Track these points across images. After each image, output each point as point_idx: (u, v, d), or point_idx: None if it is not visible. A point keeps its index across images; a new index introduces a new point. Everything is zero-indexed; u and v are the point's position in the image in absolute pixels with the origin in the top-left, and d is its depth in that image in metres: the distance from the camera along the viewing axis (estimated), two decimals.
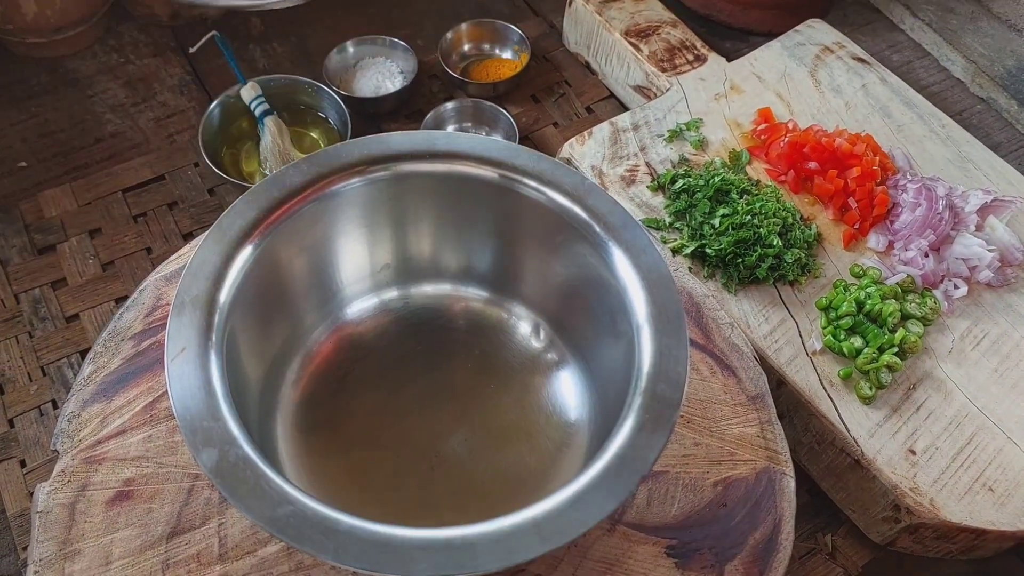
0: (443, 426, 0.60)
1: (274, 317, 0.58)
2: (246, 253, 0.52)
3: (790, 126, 0.93)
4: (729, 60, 1.03)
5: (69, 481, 0.56)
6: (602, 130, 0.94)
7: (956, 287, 0.82)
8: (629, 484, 0.42)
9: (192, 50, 1.03)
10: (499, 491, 0.56)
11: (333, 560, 0.37)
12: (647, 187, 0.89)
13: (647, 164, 0.91)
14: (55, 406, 0.84)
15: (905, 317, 0.79)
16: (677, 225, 0.86)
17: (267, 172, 0.99)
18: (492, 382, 0.62)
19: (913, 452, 0.73)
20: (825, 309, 0.80)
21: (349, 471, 0.57)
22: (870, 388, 0.74)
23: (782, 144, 0.90)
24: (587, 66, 1.14)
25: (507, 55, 1.14)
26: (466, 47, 1.14)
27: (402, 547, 0.38)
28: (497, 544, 0.39)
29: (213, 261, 0.50)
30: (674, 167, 0.90)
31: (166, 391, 0.61)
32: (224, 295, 0.49)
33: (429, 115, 1.03)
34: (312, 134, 1.05)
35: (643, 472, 0.42)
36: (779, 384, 0.76)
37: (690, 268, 0.82)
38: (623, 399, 0.46)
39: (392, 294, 0.66)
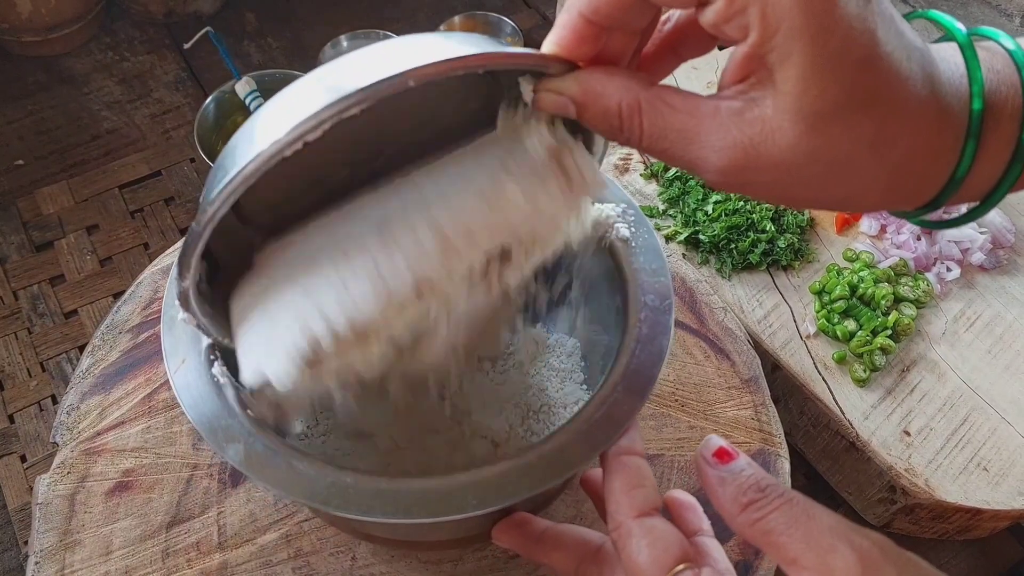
0: (438, 409, 0.60)
1: None
2: None
3: None
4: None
5: (69, 473, 0.57)
6: None
7: (949, 269, 0.83)
8: (647, 385, 0.43)
9: (187, 46, 1.04)
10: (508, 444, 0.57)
11: (389, 518, 0.38)
12: (640, 175, 0.89)
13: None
14: (55, 401, 0.84)
15: (898, 300, 0.79)
16: (671, 212, 0.86)
17: None
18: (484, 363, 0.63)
19: (908, 433, 0.73)
20: (819, 293, 0.80)
21: (355, 443, 0.57)
22: (864, 371, 0.75)
23: None
24: None
25: None
26: None
27: (447, 492, 0.39)
28: (526, 474, 0.40)
29: None
30: None
31: (164, 383, 0.62)
32: None
33: None
34: None
35: (654, 376, 0.42)
36: (774, 368, 0.77)
37: (684, 255, 0.82)
38: (612, 325, 0.47)
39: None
